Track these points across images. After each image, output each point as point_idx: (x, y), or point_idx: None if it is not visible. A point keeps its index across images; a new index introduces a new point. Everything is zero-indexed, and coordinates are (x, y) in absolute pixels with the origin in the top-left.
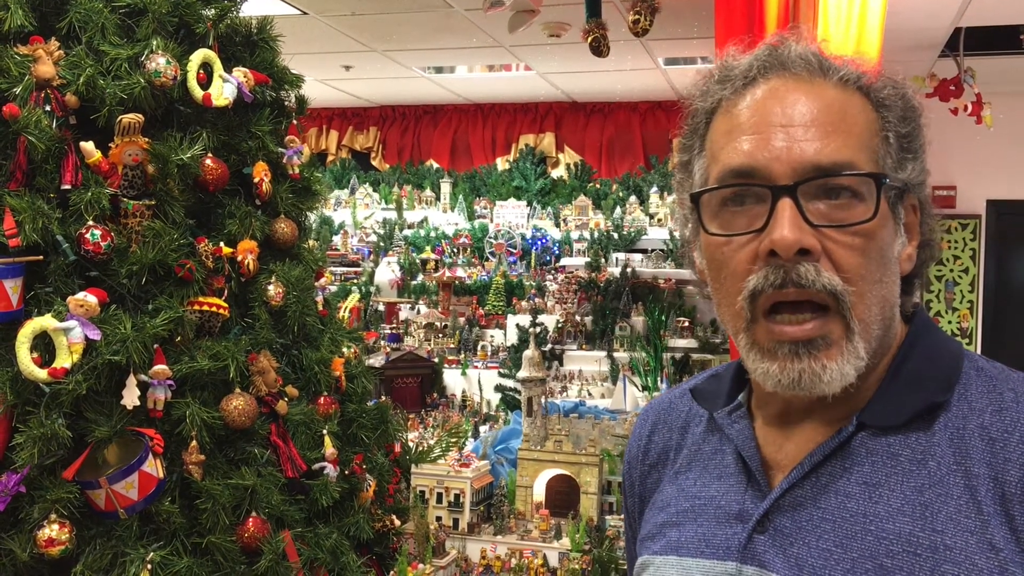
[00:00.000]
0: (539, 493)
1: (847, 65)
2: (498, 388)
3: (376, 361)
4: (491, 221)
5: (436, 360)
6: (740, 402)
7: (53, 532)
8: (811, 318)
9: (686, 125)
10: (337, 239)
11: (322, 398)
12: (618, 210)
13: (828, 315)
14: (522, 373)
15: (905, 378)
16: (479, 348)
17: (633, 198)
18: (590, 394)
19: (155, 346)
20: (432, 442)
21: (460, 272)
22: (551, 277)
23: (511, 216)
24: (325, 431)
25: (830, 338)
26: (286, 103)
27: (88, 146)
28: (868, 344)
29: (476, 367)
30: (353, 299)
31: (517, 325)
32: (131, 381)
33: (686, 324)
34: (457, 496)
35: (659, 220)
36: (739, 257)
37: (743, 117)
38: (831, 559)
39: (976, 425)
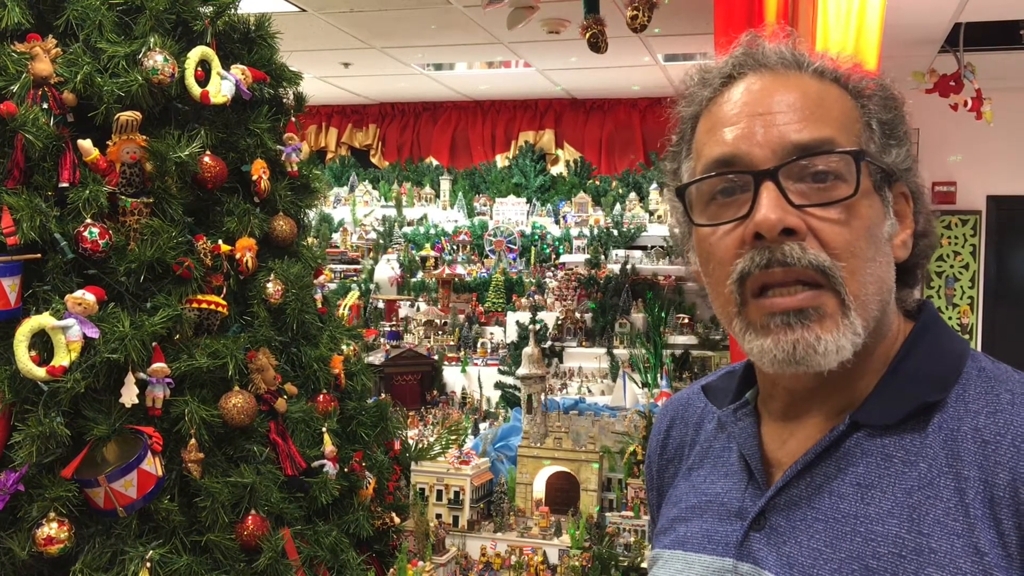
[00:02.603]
0: (539, 490)
1: (821, 59)
2: (498, 385)
3: (376, 358)
4: (491, 218)
5: (436, 357)
6: (747, 400)
7: (52, 530)
8: (802, 290)
9: (674, 133)
10: (337, 236)
11: (321, 396)
12: (618, 207)
13: (821, 290)
14: (522, 370)
15: (903, 376)
16: (479, 345)
17: (633, 194)
18: (590, 391)
19: (153, 344)
20: (432, 439)
21: (460, 269)
22: (551, 274)
23: (511, 213)
24: (324, 429)
25: (823, 310)
26: (284, 100)
27: (86, 144)
28: (866, 321)
29: (476, 364)
30: (352, 296)
31: (517, 322)
32: (130, 379)
33: (686, 320)
34: (457, 493)
35: (659, 216)
36: (726, 244)
37: (723, 112)
38: (820, 559)
39: (970, 427)
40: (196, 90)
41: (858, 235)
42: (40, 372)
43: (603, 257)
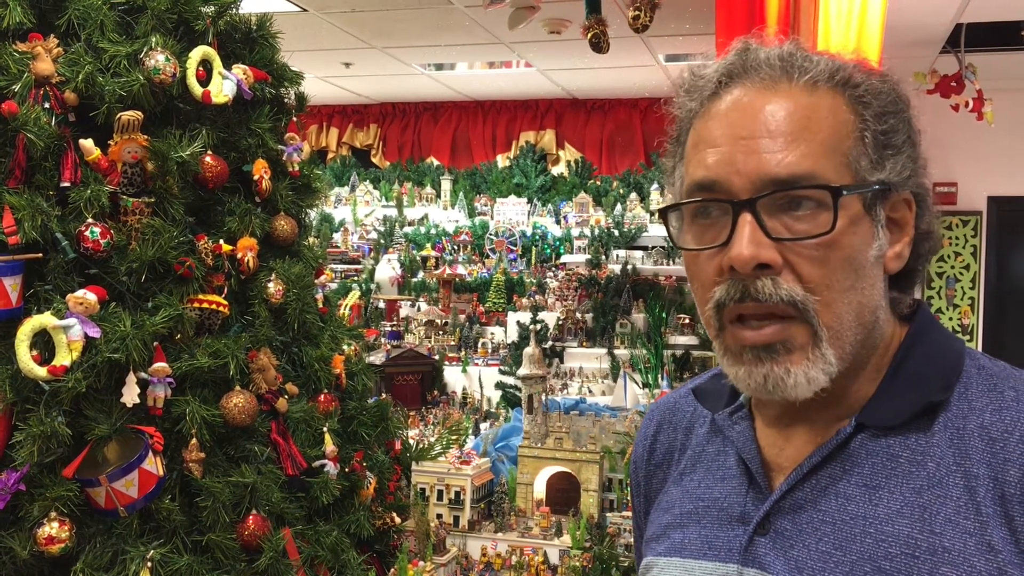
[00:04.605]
0: (540, 490)
1: (818, 64)
2: (499, 385)
3: (376, 358)
4: (491, 218)
5: (437, 357)
6: (741, 403)
7: (53, 530)
8: (771, 324)
9: (671, 132)
10: (338, 236)
11: (322, 396)
12: (619, 207)
13: (791, 322)
14: (523, 370)
15: (904, 378)
16: (480, 345)
17: (634, 195)
18: (591, 391)
19: (155, 344)
20: (433, 439)
21: (460, 269)
22: (551, 274)
23: (511, 213)
24: (325, 428)
25: (791, 343)
26: (286, 100)
27: (87, 143)
28: (841, 351)
29: (477, 364)
30: (353, 296)
31: (518, 322)
32: (131, 379)
33: (687, 321)
34: (458, 493)
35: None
36: (707, 270)
37: (708, 129)
38: (830, 562)
39: (976, 425)
40: (198, 90)
41: (836, 267)
42: (41, 372)
43: (604, 257)
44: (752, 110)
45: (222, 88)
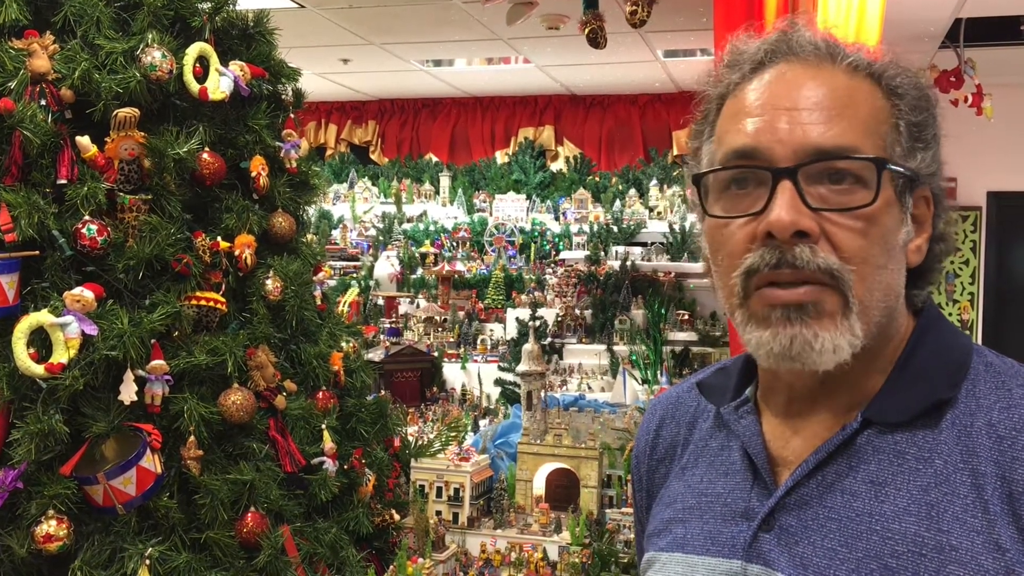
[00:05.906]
0: (539, 487)
1: (858, 52)
2: (498, 382)
3: (375, 355)
4: (490, 215)
5: (436, 354)
6: (747, 397)
7: (51, 528)
8: (805, 285)
9: (699, 112)
10: (336, 233)
11: (321, 393)
12: (617, 203)
13: (825, 288)
14: (522, 367)
15: (912, 374)
16: (479, 342)
17: (633, 191)
18: (590, 388)
19: (152, 341)
20: (432, 436)
21: (459, 266)
22: (550, 270)
23: (510, 209)
24: (324, 426)
25: (823, 307)
26: (283, 97)
27: (84, 140)
28: (867, 327)
29: (476, 361)
30: (352, 293)
31: (517, 319)
32: (128, 376)
33: (686, 317)
34: (457, 490)
35: (659, 213)
36: (737, 237)
37: (749, 100)
38: (836, 558)
39: (984, 422)
40: (194, 86)
41: (872, 242)
42: (39, 369)
43: (603, 254)
44: (795, 84)
45: (219, 85)
